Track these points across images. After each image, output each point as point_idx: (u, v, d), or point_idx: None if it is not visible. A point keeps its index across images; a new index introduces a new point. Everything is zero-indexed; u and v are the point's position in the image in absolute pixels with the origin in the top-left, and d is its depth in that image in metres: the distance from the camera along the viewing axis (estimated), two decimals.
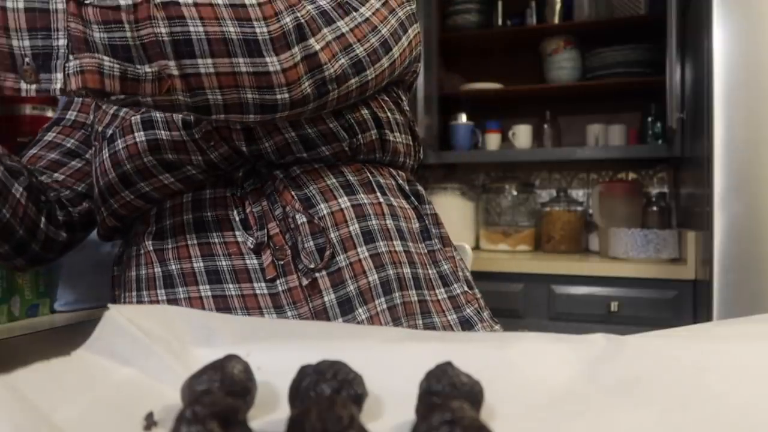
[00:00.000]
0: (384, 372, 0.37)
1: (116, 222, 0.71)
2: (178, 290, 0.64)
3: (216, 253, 0.63)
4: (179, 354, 0.39)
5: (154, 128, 0.66)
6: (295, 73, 0.54)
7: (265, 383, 0.36)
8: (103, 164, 0.68)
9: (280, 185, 0.65)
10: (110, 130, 0.69)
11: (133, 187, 0.67)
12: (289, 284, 0.62)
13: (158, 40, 0.48)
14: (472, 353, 0.40)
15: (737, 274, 1.40)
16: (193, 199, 0.66)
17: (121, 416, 0.33)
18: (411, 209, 0.73)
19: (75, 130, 0.79)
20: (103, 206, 0.71)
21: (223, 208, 0.65)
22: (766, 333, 0.42)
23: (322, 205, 0.65)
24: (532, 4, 2.42)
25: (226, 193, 0.66)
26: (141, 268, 0.68)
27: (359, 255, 0.64)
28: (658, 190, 2.39)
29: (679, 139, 2.02)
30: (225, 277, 0.62)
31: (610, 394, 0.34)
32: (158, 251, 0.66)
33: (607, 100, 2.42)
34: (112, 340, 0.38)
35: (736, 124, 1.40)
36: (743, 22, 1.40)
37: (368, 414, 0.35)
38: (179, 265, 0.64)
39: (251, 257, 0.62)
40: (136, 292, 0.68)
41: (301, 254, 0.62)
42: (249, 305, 0.61)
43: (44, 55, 0.45)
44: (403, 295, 0.66)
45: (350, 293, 0.62)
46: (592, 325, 1.89)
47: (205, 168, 0.66)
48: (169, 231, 0.66)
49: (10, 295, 1.02)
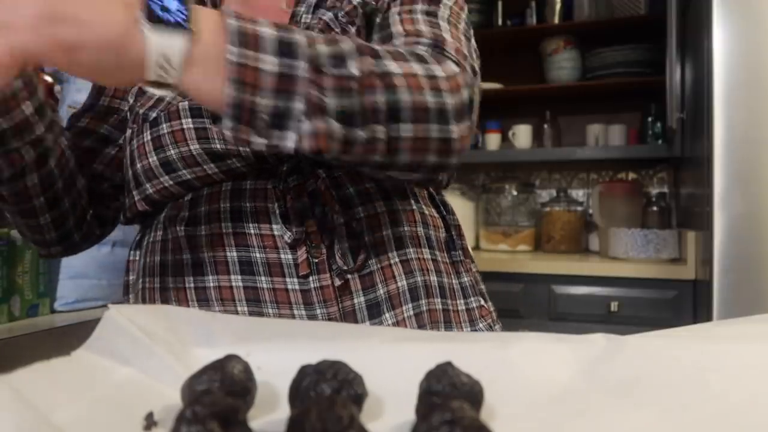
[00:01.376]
0: (384, 372, 0.37)
1: (147, 207, 0.70)
2: (208, 278, 0.63)
3: (251, 245, 0.63)
4: (179, 354, 0.39)
5: (203, 116, 0.65)
6: (466, 141, 0.59)
7: (265, 383, 0.36)
8: (143, 146, 0.67)
9: (321, 184, 0.65)
10: (153, 114, 0.68)
11: (174, 174, 0.66)
12: (322, 282, 0.62)
13: (376, 108, 0.52)
14: (472, 353, 0.40)
15: (737, 274, 1.40)
16: (233, 189, 0.66)
17: (121, 416, 0.33)
18: (440, 218, 0.75)
19: (108, 115, 0.78)
20: (136, 190, 0.69)
21: (263, 200, 0.65)
22: (765, 333, 0.42)
23: (360, 208, 0.66)
24: (532, 4, 2.42)
25: (267, 186, 0.65)
26: (168, 254, 0.67)
27: (390, 260, 0.66)
28: (658, 190, 2.39)
29: (679, 139, 2.02)
30: (258, 269, 0.62)
31: (610, 394, 0.34)
32: (190, 237, 0.65)
33: (607, 100, 2.42)
34: (112, 340, 0.38)
35: (736, 124, 1.40)
36: (743, 22, 1.40)
37: (368, 414, 0.35)
38: (211, 253, 0.64)
39: (286, 252, 0.63)
40: (159, 278, 0.67)
41: (336, 255, 0.63)
42: (279, 299, 0.62)
43: (281, 114, 0.49)
44: (429, 303, 0.67)
45: (379, 297, 0.64)
46: (592, 325, 1.89)
47: (253, 161, 0.65)
48: (204, 218, 0.65)
49: (10, 295, 1.02)
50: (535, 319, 1.98)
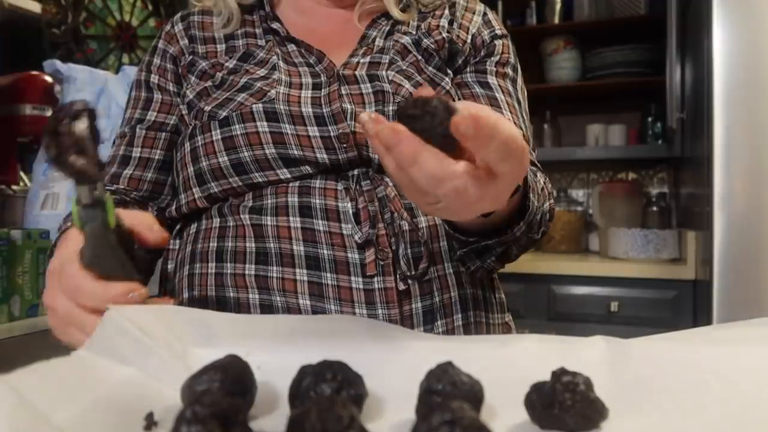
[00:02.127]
0: (384, 372, 0.37)
1: (208, 204, 0.70)
2: (272, 269, 0.64)
3: (319, 241, 0.64)
4: (179, 354, 0.39)
5: (278, 120, 0.66)
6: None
7: (265, 383, 0.36)
8: (212, 145, 0.67)
9: (391, 192, 0.67)
10: (223, 112, 0.67)
11: (245, 175, 0.66)
12: (386, 284, 0.64)
13: (534, 219, 0.62)
14: (473, 353, 0.40)
15: (737, 274, 1.40)
16: (301, 186, 0.66)
17: (121, 416, 0.33)
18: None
19: (157, 138, 0.76)
20: (197, 188, 0.69)
21: (333, 199, 0.65)
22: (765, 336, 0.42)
23: (423, 218, 0.68)
24: (532, 4, 2.42)
25: (337, 186, 0.66)
26: (227, 240, 0.67)
27: (446, 270, 0.68)
28: (658, 190, 2.39)
29: (679, 139, 2.02)
30: (324, 266, 0.63)
31: (610, 395, 0.34)
32: (256, 227, 0.66)
33: (607, 100, 2.42)
34: (112, 340, 0.38)
35: (736, 124, 1.40)
36: (743, 22, 1.40)
37: (368, 414, 0.35)
38: (278, 244, 0.64)
39: (353, 251, 0.64)
40: (215, 263, 0.66)
41: (401, 260, 0.65)
42: (342, 296, 0.63)
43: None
44: (476, 315, 0.69)
45: (435, 305, 0.66)
46: (592, 325, 1.89)
47: (329, 167, 0.66)
48: (270, 209, 0.66)
49: (10, 295, 1.02)
50: (535, 319, 1.98)
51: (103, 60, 2.12)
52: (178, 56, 0.76)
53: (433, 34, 0.75)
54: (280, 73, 0.70)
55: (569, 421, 0.32)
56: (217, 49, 0.75)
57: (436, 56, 0.73)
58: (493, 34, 0.78)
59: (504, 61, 0.78)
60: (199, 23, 0.78)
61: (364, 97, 0.68)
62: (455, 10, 0.79)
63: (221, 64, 0.73)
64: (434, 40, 0.74)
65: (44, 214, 1.17)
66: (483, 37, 0.77)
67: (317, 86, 0.69)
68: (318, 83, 0.69)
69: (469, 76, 0.75)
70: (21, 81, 1.46)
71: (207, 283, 0.67)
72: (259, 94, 0.67)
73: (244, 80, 0.69)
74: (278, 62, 0.71)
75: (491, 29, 0.78)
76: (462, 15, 0.78)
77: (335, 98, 0.67)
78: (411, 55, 0.73)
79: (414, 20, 0.77)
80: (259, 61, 0.72)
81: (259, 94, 0.67)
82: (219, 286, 0.66)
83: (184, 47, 0.76)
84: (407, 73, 0.70)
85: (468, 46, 0.76)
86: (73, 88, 1.32)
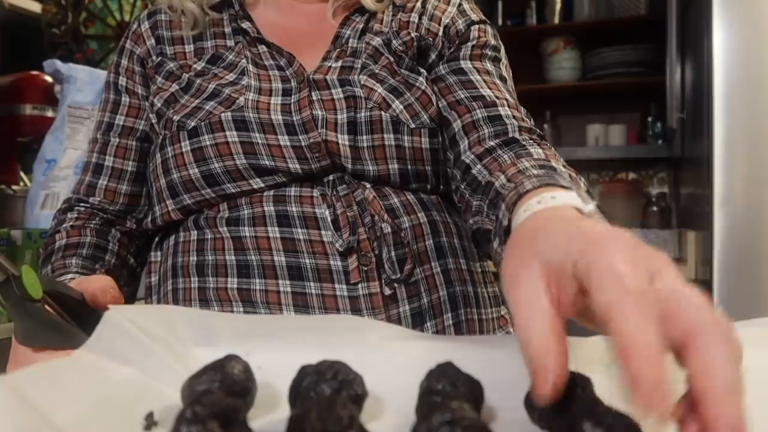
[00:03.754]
0: (384, 372, 0.37)
1: (182, 216, 0.69)
2: (254, 281, 0.63)
3: (300, 250, 0.63)
4: (179, 354, 0.39)
5: (248, 130, 0.64)
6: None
7: (265, 383, 0.36)
8: (182, 157, 0.66)
9: (369, 194, 0.66)
10: (192, 122, 0.66)
11: (217, 187, 0.65)
12: (371, 290, 0.63)
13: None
14: (473, 353, 0.40)
15: (737, 274, 1.40)
16: (276, 194, 0.65)
17: (121, 416, 0.33)
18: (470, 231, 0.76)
19: (128, 148, 0.75)
20: (171, 200, 0.68)
21: (310, 206, 0.64)
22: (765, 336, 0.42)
23: (405, 218, 0.67)
24: (532, 4, 2.42)
25: (313, 193, 0.65)
26: (207, 254, 0.65)
27: (433, 270, 0.67)
28: (658, 190, 2.39)
29: (679, 139, 2.02)
30: (307, 275, 0.62)
31: (610, 396, 0.34)
32: (235, 239, 0.64)
33: (607, 100, 2.42)
34: (112, 340, 0.38)
35: (736, 124, 1.40)
36: (743, 22, 1.40)
37: (368, 414, 0.35)
38: (258, 256, 0.63)
39: (336, 258, 0.63)
40: (197, 278, 0.66)
41: (385, 264, 0.64)
42: (328, 305, 0.62)
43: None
44: (466, 312, 0.68)
45: (423, 306, 0.65)
46: None
47: (302, 176, 0.65)
48: (247, 220, 0.65)
49: None
50: None
51: (103, 60, 2.12)
52: (146, 58, 0.75)
53: (401, 34, 0.73)
54: (250, 78, 0.68)
55: (569, 422, 0.32)
56: (186, 50, 0.73)
57: (405, 57, 0.71)
58: (469, 21, 0.75)
59: (481, 44, 0.74)
60: (167, 22, 0.76)
61: (335, 102, 0.66)
62: (427, 2, 0.76)
63: (189, 66, 0.71)
64: (402, 41, 0.72)
65: (44, 214, 1.17)
66: (457, 26, 0.74)
67: (287, 92, 0.67)
68: (288, 89, 0.67)
69: (442, 68, 0.72)
70: (21, 81, 1.46)
71: (191, 298, 0.66)
72: (228, 101, 0.66)
73: (212, 86, 0.68)
74: (247, 66, 0.69)
75: (466, 17, 0.75)
76: (435, 6, 0.76)
77: (305, 105, 0.65)
78: (383, 58, 0.71)
79: (388, 14, 0.75)
80: (228, 64, 0.70)
81: (227, 102, 0.66)
82: (203, 300, 0.65)
83: (150, 48, 0.74)
84: (379, 77, 0.69)
85: (440, 39, 0.74)
86: (73, 88, 1.32)
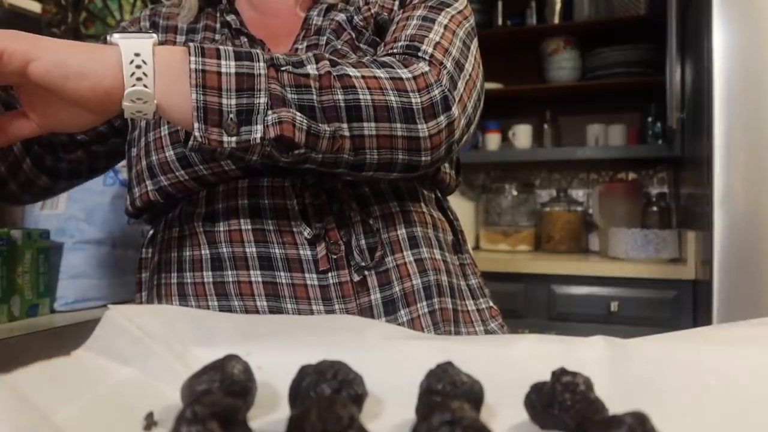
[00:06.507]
0: (384, 372, 0.37)
1: (160, 198, 0.70)
2: (227, 273, 0.64)
3: (270, 241, 0.64)
4: (179, 354, 0.39)
5: None
6: (438, 138, 0.60)
7: (265, 383, 0.36)
8: (160, 140, 0.68)
9: (338, 183, 0.67)
10: None
11: (190, 169, 0.66)
12: (341, 278, 0.64)
13: (336, 105, 0.55)
14: (472, 353, 0.40)
15: (737, 274, 1.40)
16: (250, 186, 0.66)
17: (121, 416, 0.33)
18: (447, 222, 0.77)
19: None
20: (149, 180, 0.70)
21: (281, 198, 0.66)
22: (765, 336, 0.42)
23: (376, 207, 0.67)
24: (532, 4, 2.41)
25: (284, 183, 0.66)
26: (186, 250, 0.68)
27: (405, 258, 0.67)
28: (658, 190, 2.39)
29: (679, 139, 2.02)
30: (277, 265, 0.64)
31: (610, 395, 0.34)
32: (209, 233, 0.66)
33: (607, 100, 2.42)
34: (112, 340, 0.38)
35: (736, 124, 1.40)
36: (743, 22, 1.40)
37: (368, 414, 0.35)
38: (230, 249, 0.65)
39: (305, 248, 0.64)
40: (176, 273, 0.68)
41: (354, 251, 0.64)
42: (298, 294, 0.63)
43: (247, 111, 0.52)
44: (441, 301, 0.69)
45: (395, 294, 0.65)
46: (592, 325, 1.89)
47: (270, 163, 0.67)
48: (222, 214, 0.66)
49: (10, 295, 1.02)
50: (535, 319, 1.98)
51: None
52: None
53: (362, 10, 0.74)
54: None
55: (569, 422, 0.32)
56: (177, 39, 0.76)
57: (365, 32, 0.72)
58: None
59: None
60: (165, 14, 0.79)
61: None
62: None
63: None
64: (363, 16, 0.73)
65: (44, 214, 1.17)
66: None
67: None
68: None
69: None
70: None
71: (171, 293, 0.67)
72: None
73: None
74: None
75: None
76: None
77: None
78: (345, 33, 0.72)
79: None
80: None
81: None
82: (181, 295, 0.67)
83: (143, 29, 0.78)
84: (342, 53, 0.70)
85: (395, 13, 0.74)
86: None
